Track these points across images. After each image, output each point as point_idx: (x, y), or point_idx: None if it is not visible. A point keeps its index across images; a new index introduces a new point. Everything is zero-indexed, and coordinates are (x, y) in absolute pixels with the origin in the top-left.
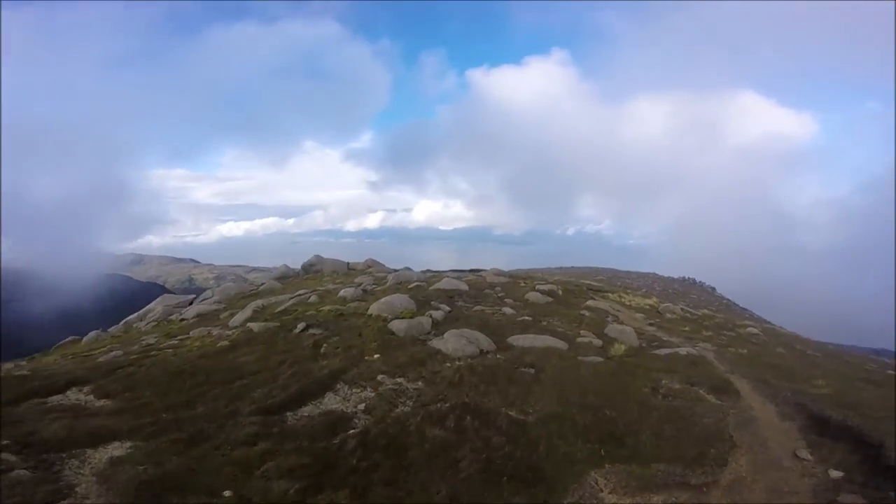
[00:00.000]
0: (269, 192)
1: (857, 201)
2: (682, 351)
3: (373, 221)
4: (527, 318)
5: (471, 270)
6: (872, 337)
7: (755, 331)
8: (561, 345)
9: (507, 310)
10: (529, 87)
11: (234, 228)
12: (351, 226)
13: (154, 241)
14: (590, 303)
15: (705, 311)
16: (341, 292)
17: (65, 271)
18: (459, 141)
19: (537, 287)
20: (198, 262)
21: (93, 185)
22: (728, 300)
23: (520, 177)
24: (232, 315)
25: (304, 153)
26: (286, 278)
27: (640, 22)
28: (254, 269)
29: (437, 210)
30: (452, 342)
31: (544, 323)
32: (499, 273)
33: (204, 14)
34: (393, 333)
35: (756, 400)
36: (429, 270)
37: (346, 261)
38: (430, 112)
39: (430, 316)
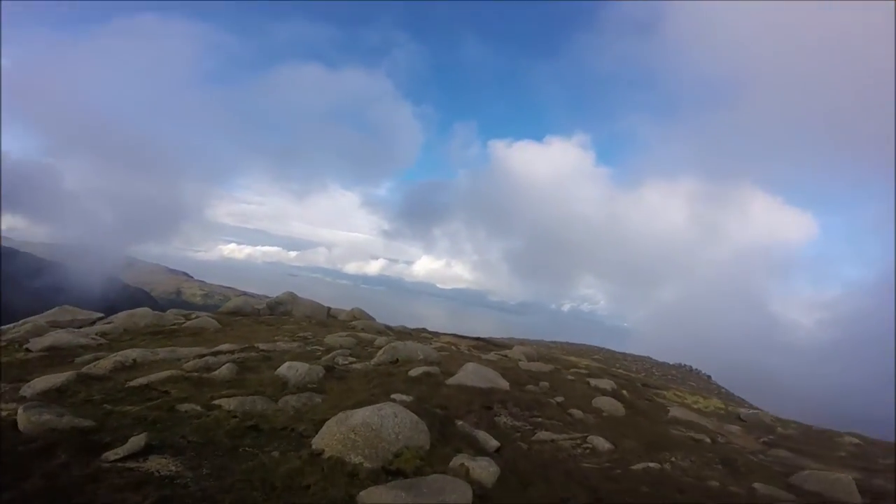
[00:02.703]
0: (279, 221)
1: (846, 304)
2: None
3: (373, 268)
4: (645, 462)
5: (478, 339)
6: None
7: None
8: None
9: (598, 441)
10: (547, 163)
11: (235, 251)
12: (351, 268)
13: (153, 249)
14: (675, 413)
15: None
16: (284, 368)
17: (85, 266)
18: (472, 205)
19: (594, 383)
20: (190, 277)
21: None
22: (725, 388)
23: (524, 248)
24: (98, 357)
25: (324, 191)
26: (237, 315)
27: (661, 118)
28: (243, 294)
29: (438, 268)
30: None
31: (688, 479)
32: (523, 347)
33: (281, 51)
34: None
35: None
36: (424, 330)
37: (328, 305)
38: (451, 174)
39: (468, 473)
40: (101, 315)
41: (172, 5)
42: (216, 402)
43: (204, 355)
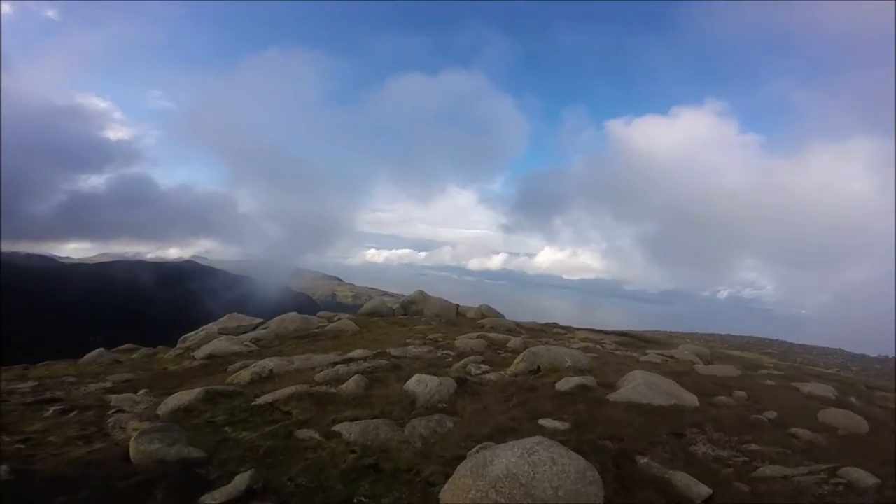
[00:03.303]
0: (407, 225)
1: None
2: None
3: (495, 263)
4: None
5: (622, 333)
6: None
7: None
8: None
9: (855, 474)
10: (676, 138)
11: (375, 255)
12: (473, 265)
13: (312, 259)
14: None
15: None
16: (413, 382)
17: (265, 278)
18: (593, 191)
19: (806, 390)
20: (341, 281)
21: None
22: None
23: (661, 231)
24: (245, 366)
25: (444, 192)
26: (374, 316)
27: (812, 78)
28: (385, 294)
29: (563, 258)
30: None
31: None
32: (691, 344)
33: (385, 66)
34: None
35: None
36: (556, 325)
37: (456, 303)
38: (565, 161)
39: None
40: (260, 321)
41: (281, 37)
42: (337, 427)
43: (336, 363)
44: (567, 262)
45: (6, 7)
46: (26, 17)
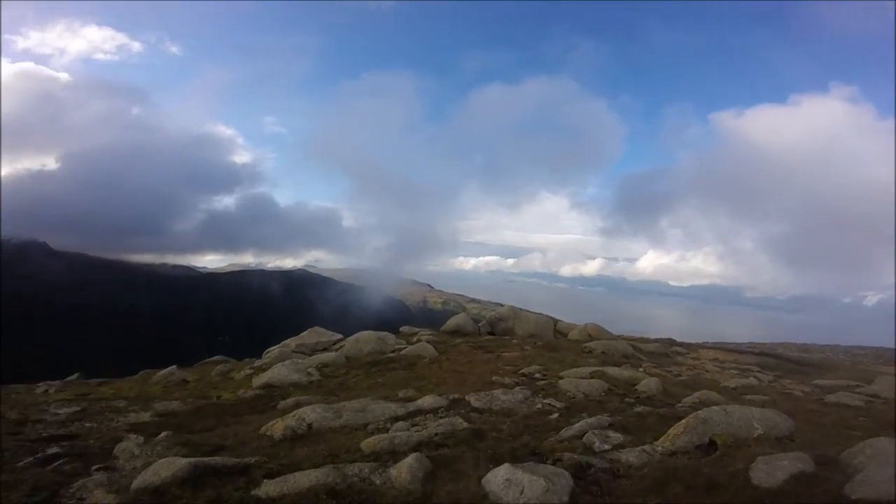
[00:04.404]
0: (494, 232)
1: None
2: None
3: (590, 269)
4: None
5: (761, 353)
6: None
7: None
8: None
9: None
10: (800, 128)
11: (463, 263)
12: (566, 271)
13: (409, 267)
14: None
15: None
16: (499, 480)
17: (367, 285)
18: (704, 189)
19: None
20: (432, 288)
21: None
22: None
23: (789, 231)
24: (289, 410)
25: (533, 199)
26: (458, 335)
27: None
28: (472, 301)
29: (669, 263)
30: None
31: None
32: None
33: (467, 80)
34: None
35: None
36: (671, 340)
37: (551, 315)
38: (669, 159)
39: None
40: (339, 337)
41: (372, 63)
42: None
43: (397, 417)
44: (675, 267)
45: (137, 45)
46: (155, 54)
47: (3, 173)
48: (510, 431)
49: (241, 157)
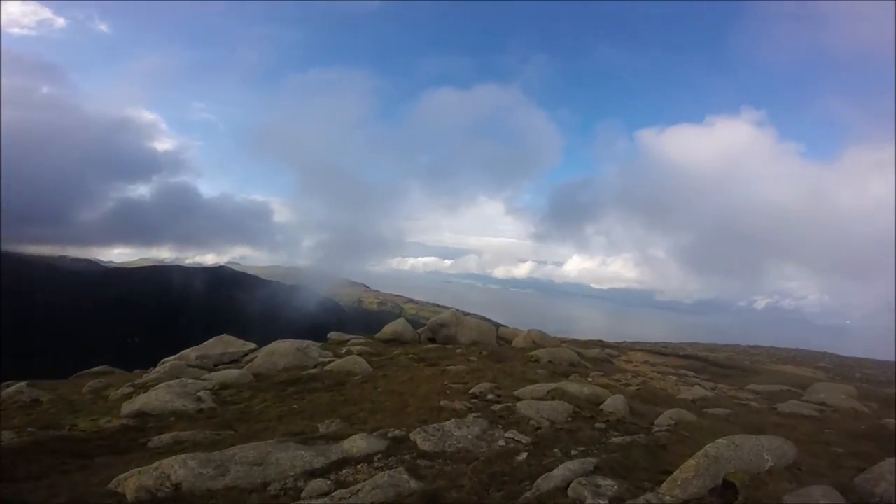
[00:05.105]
0: (433, 233)
1: None
2: None
3: (521, 271)
4: None
5: (686, 356)
6: None
7: None
8: None
9: None
10: (712, 146)
11: (401, 263)
12: (499, 273)
13: (345, 267)
14: None
15: None
16: None
17: (296, 284)
18: (625, 200)
19: None
20: (368, 288)
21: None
22: None
23: (695, 241)
24: (176, 442)
25: (472, 202)
26: (396, 343)
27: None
28: (409, 301)
29: (592, 267)
30: None
31: None
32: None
33: (420, 82)
34: None
35: None
36: (600, 342)
37: (488, 318)
38: (597, 171)
39: None
40: (253, 347)
41: (323, 58)
42: None
43: (315, 472)
44: (597, 271)
45: (61, 21)
46: (81, 31)
47: None
48: (473, 488)
49: (163, 144)
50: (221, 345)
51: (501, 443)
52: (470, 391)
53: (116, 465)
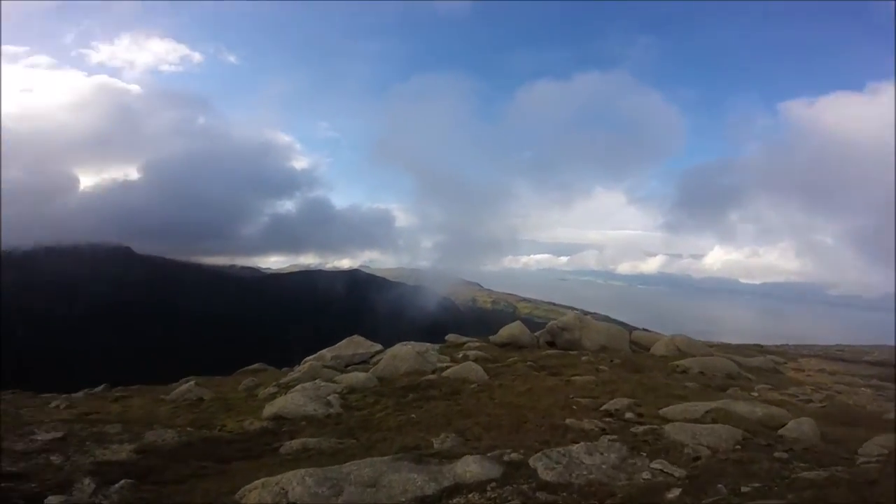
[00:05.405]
0: (545, 229)
1: None
2: None
3: (650, 266)
4: None
5: (875, 362)
6: None
7: None
8: None
9: None
10: (878, 117)
11: (513, 261)
12: (624, 268)
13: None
14: None
15: None
16: None
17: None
18: (776, 182)
19: None
20: (481, 287)
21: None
22: None
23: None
24: (305, 449)
25: (587, 194)
26: (512, 348)
27: None
28: (523, 300)
29: (740, 259)
30: None
31: None
32: None
33: (514, 80)
34: None
35: None
36: (759, 346)
37: (616, 318)
38: (735, 151)
39: None
40: (379, 348)
41: (421, 65)
42: None
43: (426, 500)
44: (745, 264)
45: (197, 55)
46: (215, 63)
47: (90, 183)
48: None
49: (300, 163)
50: (352, 346)
51: (646, 475)
52: (602, 407)
53: (248, 471)
